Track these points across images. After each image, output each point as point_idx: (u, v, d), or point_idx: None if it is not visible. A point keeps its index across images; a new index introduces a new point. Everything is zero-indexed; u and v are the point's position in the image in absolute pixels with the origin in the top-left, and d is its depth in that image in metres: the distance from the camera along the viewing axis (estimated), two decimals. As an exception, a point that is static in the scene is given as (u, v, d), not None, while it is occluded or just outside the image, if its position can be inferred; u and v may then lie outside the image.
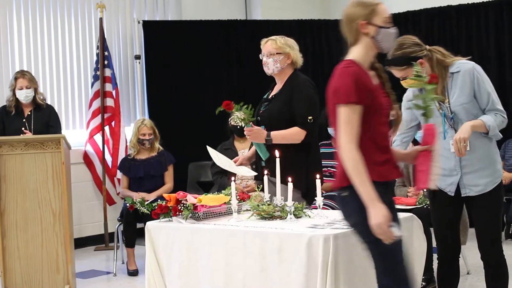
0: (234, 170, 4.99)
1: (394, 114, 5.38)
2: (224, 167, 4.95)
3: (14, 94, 6.23)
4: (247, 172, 5.01)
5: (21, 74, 6.31)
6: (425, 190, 4.56)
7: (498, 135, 4.10)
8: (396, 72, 4.09)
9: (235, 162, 5.01)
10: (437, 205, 4.29)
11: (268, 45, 4.91)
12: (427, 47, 4.14)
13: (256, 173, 4.98)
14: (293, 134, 4.77)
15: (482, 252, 4.20)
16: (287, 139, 4.77)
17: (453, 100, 4.07)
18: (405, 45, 4.08)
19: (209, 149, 4.93)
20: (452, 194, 4.16)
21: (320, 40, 9.10)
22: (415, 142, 5.20)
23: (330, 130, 6.09)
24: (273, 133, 4.78)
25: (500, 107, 4.09)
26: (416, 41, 4.12)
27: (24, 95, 6.17)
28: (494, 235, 4.16)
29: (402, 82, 4.11)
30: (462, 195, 4.14)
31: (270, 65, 4.88)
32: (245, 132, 4.84)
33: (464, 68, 4.05)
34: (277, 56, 4.87)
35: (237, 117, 4.83)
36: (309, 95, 4.84)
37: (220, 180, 6.84)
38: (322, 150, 5.91)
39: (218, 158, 4.90)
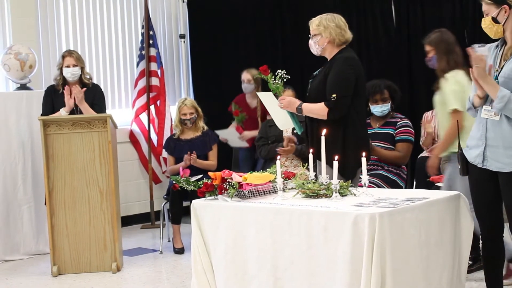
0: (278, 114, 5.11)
1: None
2: (270, 107, 5.11)
3: (61, 73, 6.31)
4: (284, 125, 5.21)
5: (68, 53, 6.38)
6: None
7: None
8: (484, 5, 3.97)
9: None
10: (473, 181, 4.14)
11: (311, 27, 4.97)
12: None
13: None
14: (318, 110, 4.84)
15: None
16: (313, 113, 4.88)
17: (503, 70, 3.91)
18: None
19: (258, 94, 5.18)
20: (481, 166, 4.01)
21: (366, 16, 8.96)
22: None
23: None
24: (304, 104, 4.91)
25: None
26: None
27: (71, 73, 6.23)
28: None
29: (482, 20, 3.98)
30: (483, 167, 3.99)
31: (313, 47, 4.99)
32: (278, 100, 4.96)
33: None
34: (315, 38, 4.95)
35: (271, 85, 4.98)
36: (339, 73, 4.82)
37: (263, 147, 6.88)
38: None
39: (266, 97, 5.08)
